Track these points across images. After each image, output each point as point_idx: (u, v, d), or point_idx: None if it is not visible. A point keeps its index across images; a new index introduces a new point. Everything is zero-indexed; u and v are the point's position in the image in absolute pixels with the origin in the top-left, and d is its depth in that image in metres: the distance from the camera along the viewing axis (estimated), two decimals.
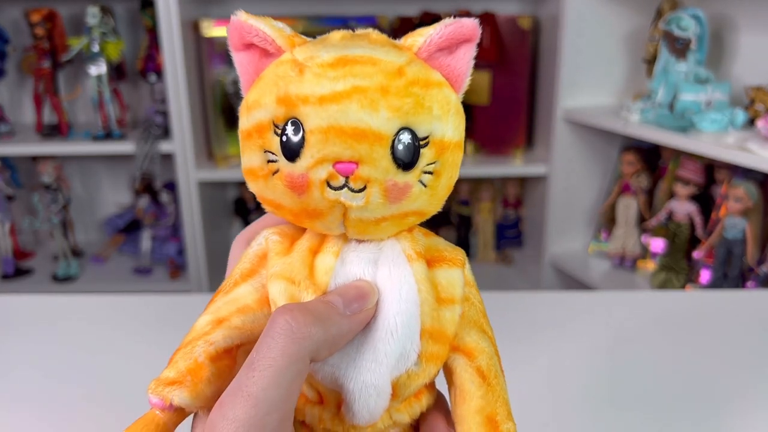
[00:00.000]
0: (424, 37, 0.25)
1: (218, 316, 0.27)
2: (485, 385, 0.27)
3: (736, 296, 0.76)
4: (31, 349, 0.58)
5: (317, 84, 0.23)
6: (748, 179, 1.20)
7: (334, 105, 0.23)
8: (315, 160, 0.23)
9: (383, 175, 0.23)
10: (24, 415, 0.49)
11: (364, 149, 0.23)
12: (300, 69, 0.24)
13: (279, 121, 0.24)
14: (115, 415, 0.49)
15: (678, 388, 0.52)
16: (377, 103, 0.23)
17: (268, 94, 0.24)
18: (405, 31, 0.26)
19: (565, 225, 1.58)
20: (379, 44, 0.25)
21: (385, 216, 0.25)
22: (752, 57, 1.29)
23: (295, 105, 0.23)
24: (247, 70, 0.26)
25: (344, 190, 0.23)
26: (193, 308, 0.65)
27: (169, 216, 1.65)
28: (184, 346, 0.26)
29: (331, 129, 0.23)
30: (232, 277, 0.28)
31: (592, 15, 1.42)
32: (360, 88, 0.23)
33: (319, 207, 0.24)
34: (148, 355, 0.57)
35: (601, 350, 0.57)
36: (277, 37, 0.25)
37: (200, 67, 1.52)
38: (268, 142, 0.25)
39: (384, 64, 0.24)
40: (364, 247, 0.26)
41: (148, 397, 0.25)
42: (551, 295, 0.86)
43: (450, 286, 0.27)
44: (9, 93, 1.70)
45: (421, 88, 0.24)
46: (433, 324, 0.26)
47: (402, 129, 0.24)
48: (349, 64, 0.23)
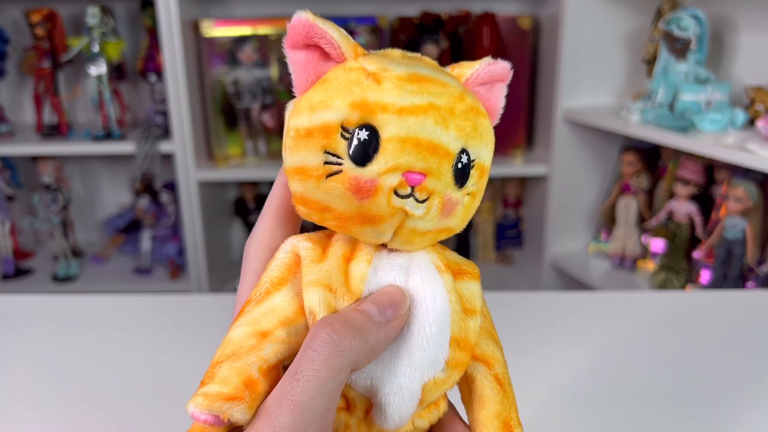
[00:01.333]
0: (471, 71, 0.28)
1: (260, 329, 0.26)
2: (502, 391, 0.28)
3: (736, 296, 0.76)
4: (31, 349, 0.58)
5: (397, 95, 0.24)
6: (748, 179, 1.20)
7: (413, 117, 0.24)
8: (389, 167, 0.24)
9: (444, 189, 0.25)
10: (24, 415, 0.49)
11: (435, 163, 0.24)
12: (376, 78, 0.25)
13: (350, 124, 0.25)
14: (115, 415, 0.49)
15: (678, 388, 0.52)
16: (448, 122, 0.25)
17: (340, 97, 0.25)
18: (405, 31, 0.27)
19: (565, 225, 1.58)
20: (436, 69, 0.27)
21: (433, 229, 0.26)
22: (752, 57, 1.29)
23: (373, 111, 0.24)
24: (305, 69, 0.27)
25: (410, 199, 0.25)
26: (193, 308, 0.65)
27: (169, 216, 1.65)
28: (230, 359, 0.25)
29: (408, 139, 0.24)
30: (261, 286, 0.27)
31: (592, 15, 1.42)
32: (435, 105, 0.25)
33: (381, 212, 0.25)
34: (148, 355, 0.58)
35: (601, 350, 0.57)
36: (344, 44, 0.26)
37: (200, 67, 1.52)
38: (334, 143, 0.25)
39: (450, 87, 0.25)
40: (396, 257, 0.27)
41: (193, 412, 0.24)
42: (551, 295, 0.86)
43: (472, 297, 0.28)
44: (9, 93, 1.70)
45: (475, 114, 0.26)
46: (460, 332, 0.27)
47: (462, 149, 0.25)
48: (424, 82, 0.25)
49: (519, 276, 1.71)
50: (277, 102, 1.55)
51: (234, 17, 1.65)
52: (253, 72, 1.51)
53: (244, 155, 1.57)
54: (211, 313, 0.65)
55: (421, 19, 1.52)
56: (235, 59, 1.49)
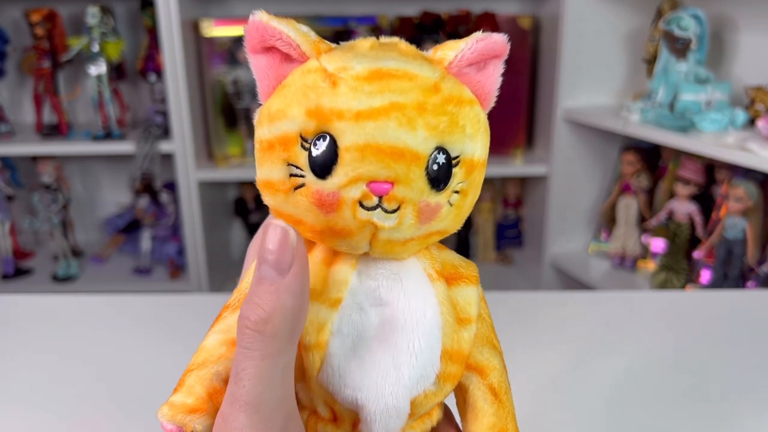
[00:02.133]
0: (455, 51, 0.24)
1: (231, 336, 0.25)
2: (497, 402, 0.27)
3: (736, 296, 0.76)
4: (31, 349, 0.58)
5: (353, 98, 0.22)
6: (748, 179, 1.20)
7: (372, 122, 0.22)
8: (349, 178, 0.22)
9: (418, 195, 0.23)
10: (24, 415, 0.49)
11: (401, 169, 0.22)
12: (333, 80, 0.22)
13: (308, 134, 0.23)
14: (115, 416, 0.49)
15: (678, 388, 0.52)
16: (415, 121, 0.22)
17: (296, 105, 0.23)
18: (405, 31, 0.26)
19: (565, 225, 1.58)
20: (411, 56, 0.24)
21: (414, 237, 0.24)
22: (752, 57, 1.29)
23: (328, 119, 0.22)
24: (266, 75, 0.25)
25: (377, 210, 0.23)
26: (193, 308, 0.65)
27: (169, 216, 1.65)
28: (198, 368, 0.25)
29: (368, 147, 0.22)
30: (240, 292, 0.27)
31: (592, 15, 1.42)
32: (397, 104, 0.22)
33: (349, 227, 0.23)
34: (148, 355, 0.58)
35: (601, 350, 0.57)
36: (303, 42, 0.24)
37: (200, 67, 1.52)
38: (294, 155, 0.23)
39: (420, 79, 0.23)
40: (384, 262, 0.25)
41: (162, 423, 0.24)
42: (551, 295, 0.86)
43: (467, 305, 0.26)
44: (9, 93, 1.70)
45: (455, 105, 0.23)
46: (453, 345, 0.25)
47: (437, 148, 0.23)
48: (385, 78, 0.22)
49: (519, 276, 1.71)
50: None
51: (234, 17, 1.65)
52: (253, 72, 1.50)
53: (244, 155, 1.56)
54: (211, 313, 0.65)
55: (421, 19, 1.52)
56: (235, 59, 1.49)
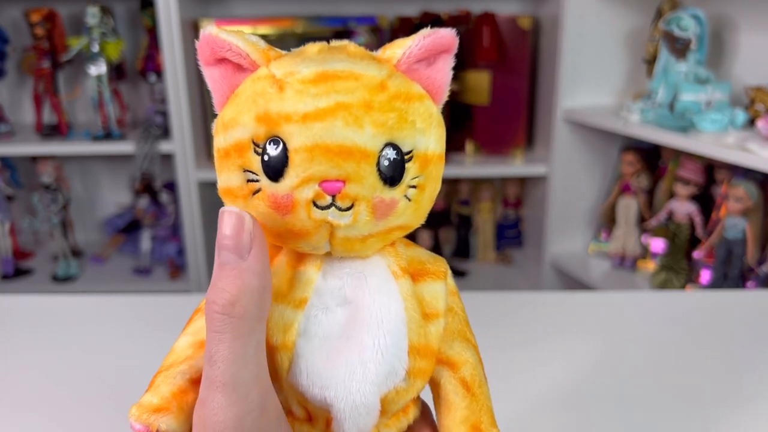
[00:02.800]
0: (402, 49, 0.25)
1: (201, 338, 0.26)
2: (469, 395, 0.27)
3: (736, 296, 0.76)
4: (31, 349, 0.58)
5: (299, 101, 0.23)
6: (748, 179, 1.20)
7: (318, 123, 0.22)
8: (300, 179, 0.23)
9: (370, 192, 0.23)
10: (23, 415, 0.49)
11: (351, 167, 0.23)
12: (280, 86, 0.23)
13: (259, 139, 0.23)
14: (114, 415, 0.49)
15: (678, 388, 0.52)
16: (362, 120, 0.23)
17: (246, 112, 0.24)
18: (405, 31, 0.26)
19: (565, 225, 1.58)
20: (359, 57, 0.24)
21: (372, 233, 0.24)
22: (752, 57, 1.29)
23: (276, 123, 0.23)
24: (220, 86, 0.26)
25: (331, 209, 0.23)
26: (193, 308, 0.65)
27: (169, 216, 1.65)
28: (166, 369, 0.26)
29: (316, 147, 0.22)
30: None
31: (592, 15, 1.42)
32: (343, 104, 0.23)
33: (305, 227, 0.24)
34: (148, 355, 0.57)
35: (601, 350, 0.57)
36: (252, 52, 0.25)
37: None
38: (248, 161, 0.24)
39: (365, 78, 0.23)
40: (348, 261, 0.26)
41: (131, 424, 0.25)
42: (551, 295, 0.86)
43: (434, 300, 0.27)
44: (9, 93, 1.70)
45: (403, 102, 0.24)
46: (419, 340, 0.26)
47: (387, 145, 0.23)
48: (331, 80, 0.23)
49: (519, 276, 1.71)
50: None
51: (234, 17, 1.65)
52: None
53: None
54: None
55: (421, 19, 1.52)
56: None
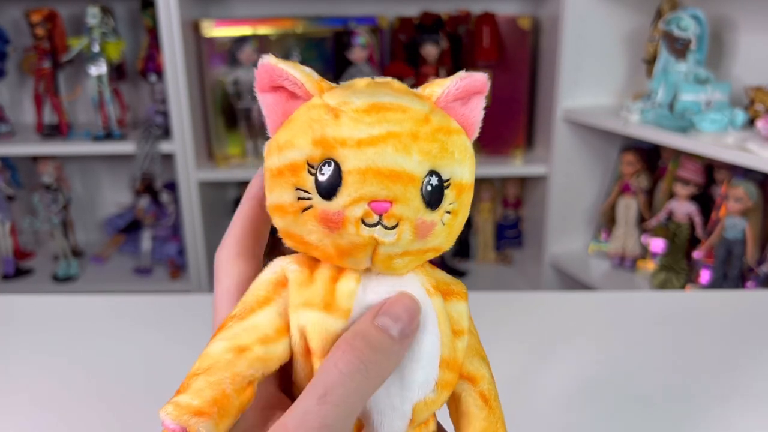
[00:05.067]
0: (442, 89, 0.28)
1: (238, 344, 0.26)
2: (487, 408, 0.29)
3: (736, 296, 0.76)
4: (31, 349, 0.58)
5: (354, 128, 0.25)
6: (747, 179, 1.20)
7: (371, 148, 0.25)
8: (352, 198, 0.25)
9: (414, 213, 0.25)
10: (24, 415, 0.49)
11: (399, 189, 0.25)
12: (335, 113, 0.25)
13: (314, 161, 0.26)
14: (114, 415, 0.49)
15: (678, 388, 0.52)
16: (410, 147, 0.25)
17: (302, 136, 0.26)
18: (405, 31, 0.27)
19: (565, 225, 1.58)
20: (403, 92, 0.27)
21: (410, 251, 0.26)
22: (752, 57, 1.29)
23: (332, 147, 0.25)
24: (274, 111, 0.28)
25: (378, 227, 0.25)
26: (193, 308, 0.65)
27: (170, 216, 1.65)
28: (205, 373, 0.26)
29: (368, 170, 0.25)
30: (246, 303, 0.28)
31: (592, 15, 1.43)
32: (393, 133, 0.25)
33: (353, 242, 0.25)
34: (148, 355, 0.58)
35: (601, 350, 0.57)
36: (306, 82, 0.27)
37: (200, 67, 1.52)
38: (302, 180, 0.26)
39: (412, 111, 0.26)
40: (385, 278, 0.28)
41: (164, 420, 0.24)
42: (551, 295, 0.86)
43: (460, 318, 0.29)
44: (9, 93, 1.70)
45: (444, 134, 0.26)
46: (450, 354, 0.28)
47: (430, 172, 0.26)
48: (382, 111, 0.25)
49: (519, 276, 1.71)
50: None
51: (234, 17, 1.65)
52: (253, 72, 1.49)
53: (244, 155, 1.57)
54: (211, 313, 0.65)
55: (421, 19, 1.52)
56: (235, 59, 1.49)
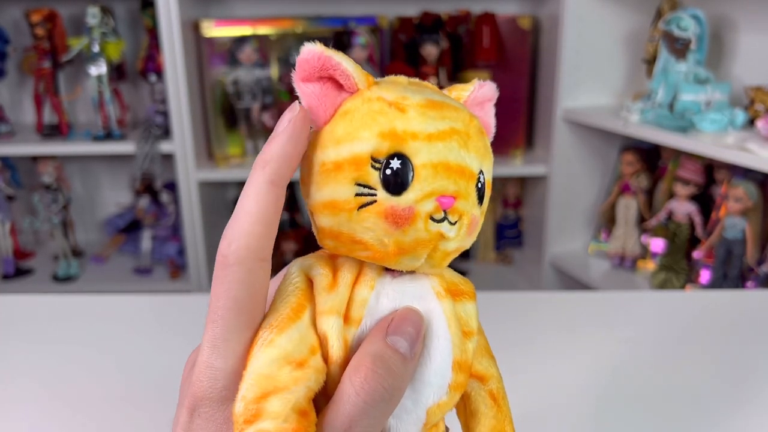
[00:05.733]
0: (467, 93, 0.29)
1: (294, 359, 0.25)
2: (496, 406, 0.29)
3: (736, 296, 0.76)
4: (31, 349, 0.58)
5: (423, 122, 0.25)
6: (747, 179, 1.20)
7: (441, 142, 0.25)
8: (424, 193, 0.25)
9: (471, 209, 0.26)
10: (23, 415, 0.49)
11: (463, 185, 0.25)
12: (399, 107, 0.25)
13: (380, 154, 0.25)
14: (114, 415, 0.49)
15: (678, 387, 0.52)
16: (467, 144, 0.26)
17: (366, 129, 0.25)
18: (405, 31, 0.27)
19: (565, 225, 1.58)
20: (443, 93, 0.28)
21: (457, 249, 0.27)
22: (752, 57, 1.29)
23: (403, 140, 0.25)
24: (322, 102, 0.27)
25: (445, 222, 0.25)
26: (193, 308, 0.65)
27: (170, 216, 1.65)
28: (276, 393, 0.24)
29: (440, 164, 0.25)
30: (280, 312, 0.26)
31: (592, 15, 1.43)
32: (455, 129, 0.25)
33: (419, 238, 0.25)
34: (149, 355, 0.58)
35: (601, 350, 0.57)
36: (357, 74, 0.26)
37: (200, 67, 1.52)
38: (365, 174, 0.25)
39: (462, 111, 0.26)
40: (398, 282, 0.27)
41: None
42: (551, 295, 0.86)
43: (469, 319, 0.29)
44: (9, 93, 1.70)
45: (481, 135, 0.27)
46: (461, 356, 0.28)
47: (479, 169, 0.26)
48: (441, 108, 0.26)
49: (519, 276, 1.71)
50: (277, 102, 1.55)
51: (234, 17, 1.65)
52: (253, 72, 1.50)
53: (244, 155, 1.57)
54: None
55: (421, 19, 1.52)
56: (235, 59, 1.49)
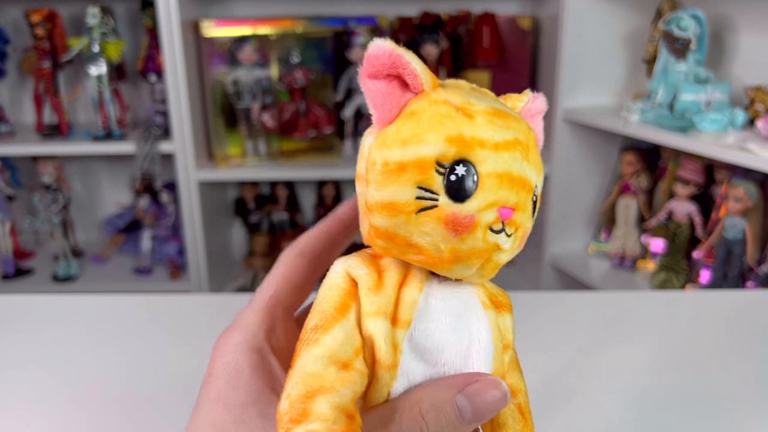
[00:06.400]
0: (522, 104, 0.29)
1: (339, 359, 0.24)
2: (523, 420, 0.29)
3: (736, 296, 0.76)
4: (31, 349, 0.58)
5: (491, 130, 0.24)
6: (747, 179, 1.20)
7: (507, 153, 0.24)
8: (488, 202, 0.24)
9: (527, 221, 0.26)
10: (23, 415, 0.49)
11: (523, 197, 0.25)
12: (466, 113, 0.25)
13: (446, 159, 0.24)
14: (114, 415, 0.49)
15: (677, 388, 0.52)
16: (528, 156, 0.25)
17: (433, 132, 0.24)
18: (405, 31, 0.27)
19: (565, 225, 1.58)
20: (502, 102, 0.27)
21: (508, 260, 0.27)
22: (752, 57, 1.29)
23: (470, 147, 0.24)
24: (388, 101, 0.26)
25: (502, 234, 0.25)
26: (193, 308, 0.65)
27: (170, 216, 1.65)
28: (322, 393, 0.23)
29: (505, 175, 0.24)
30: (325, 312, 0.26)
31: (592, 15, 1.43)
32: (518, 140, 0.25)
33: (476, 248, 0.25)
34: (149, 355, 0.58)
35: (601, 350, 0.57)
36: (425, 75, 0.26)
37: (200, 67, 1.52)
38: (429, 179, 0.24)
39: (523, 122, 0.26)
40: (446, 286, 0.27)
41: None
42: (551, 295, 0.86)
43: (507, 332, 0.29)
44: (9, 93, 1.70)
45: (537, 148, 0.27)
46: (499, 367, 0.28)
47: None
48: (505, 118, 0.25)
49: (519, 276, 1.71)
50: (277, 102, 1.55)
51: (234, 17, 1.65)
52: (253, 72, 1.51)
53: (244, 155, 1.57)
54: (211, 313, 0.65)
55: (421, 19, 1.52)
56: (235, 59, 1.49)
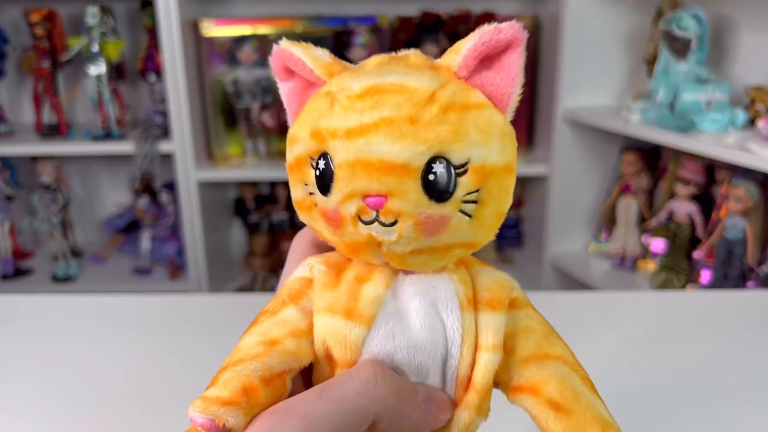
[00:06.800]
0: (460, 54, 0.24)
1: (269, 338, 0.25)
2: (563, 414, 0.25)
3: (736, 296, 0.76)
4: (31, 349, 0.58)
5: (345, 117, 0.23)
6: (748, 179, 1.20)
7: (361, 138, 0.22)
8: (344, 194, 0.23)
9: (415, 208, 0.23)
10: (23, 415, 0.49)
11: (392, 182, 0.22)
12: (331, 102, 0.24)
13: (313, 155, 0.24)
14: (114, 415, 0.49)
15: (678, 388, 0.52)
16: (405, 134, 0.22)
17: (304, 128, 0.24)
18: (405, 31, 0.26)
19: (565, 225, 1.58)
20: (415, 68, 0.24)
21: (421, 249, 0.24)
22: (752, 57, 1.29)
23: (324, 139, 0.23)
24: (292, 100, 0.26)
25: (375, 224, 0.23)
26: (193, 308, 0.65)
27: (169, 216, 1.65)
28: (234, 365, 0.24)
29: (357, 162, 0.22)
30: (279, 297, 0.27)
31: (592, 15, 1.42)
32: (387, 119, 0.22)
33: (355, 240, 0.24)
34: (148, 355, 0.58)
35: (601, 350, 0.57)
36: (316, 67, 0.25)
37: (200, 67, 1.51)
38: (306, 175, 0.25)
39: (413, 91, 0.23)
40: (416, 281, 0.26)
41: (192, 416, 0.23)
42: (551, 295, 0.86)
43: (489, 331, 0.26)
44: (9, 93, 1.70)
45: (456, 112, 0.23)
46: (465, 373, 0.26)
47: (434, 158, 0.23)
48: (378, 94, 0.23)
49: (519, 276, 1.68)
50: (277, 102, 1.55)
51: (234, 17, 1.65)
52: (252, 72, 1.50)
53: (243, 155, 1.56)
54: (211, 313, 0.65)
55: (421, 19, 1.52)
56: (235, 59, 1.49)
